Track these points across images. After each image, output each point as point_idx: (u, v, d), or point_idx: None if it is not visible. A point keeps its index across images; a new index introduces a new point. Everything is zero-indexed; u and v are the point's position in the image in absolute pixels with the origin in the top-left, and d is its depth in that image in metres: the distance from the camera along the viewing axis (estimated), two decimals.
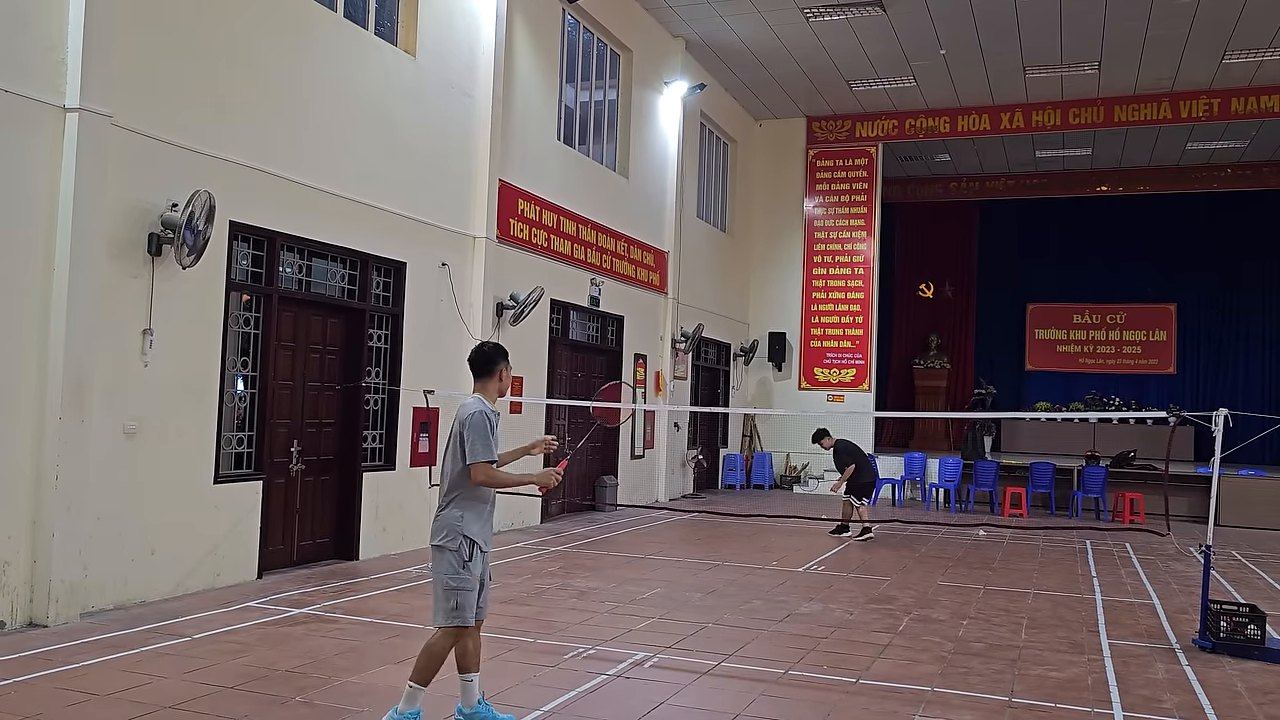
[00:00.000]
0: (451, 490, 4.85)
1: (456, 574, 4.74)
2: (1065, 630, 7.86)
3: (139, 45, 7.51)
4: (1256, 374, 23.95)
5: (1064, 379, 25.34)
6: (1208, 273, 23.92)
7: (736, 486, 19.92)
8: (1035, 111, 19.81)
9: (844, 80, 18.84)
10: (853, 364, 20.93)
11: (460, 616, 4.75)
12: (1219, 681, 6.40)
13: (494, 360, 5.00)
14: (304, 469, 9.38)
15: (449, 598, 4.75)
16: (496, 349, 5.05)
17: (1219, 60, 17.14)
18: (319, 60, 9.34)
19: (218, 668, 5.95)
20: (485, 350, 5.04)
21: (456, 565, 4.75)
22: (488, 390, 4.99)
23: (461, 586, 4.74)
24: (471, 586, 4.77)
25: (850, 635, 7.44)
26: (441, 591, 4.78)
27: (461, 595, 4.74)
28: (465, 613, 4.75)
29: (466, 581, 4.75)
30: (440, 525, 4.84)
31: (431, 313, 10.99)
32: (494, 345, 5.10)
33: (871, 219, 21.04)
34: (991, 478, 17.42)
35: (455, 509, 4.83)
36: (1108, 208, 24.06)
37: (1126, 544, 13.27)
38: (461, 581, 4.74)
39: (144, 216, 7.52)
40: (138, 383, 7.53)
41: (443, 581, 4.77)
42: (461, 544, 4.76)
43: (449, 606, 4.74)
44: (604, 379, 15.44)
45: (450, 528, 4.80)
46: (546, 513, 13.63)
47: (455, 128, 11.40)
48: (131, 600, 7.47)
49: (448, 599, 4.75)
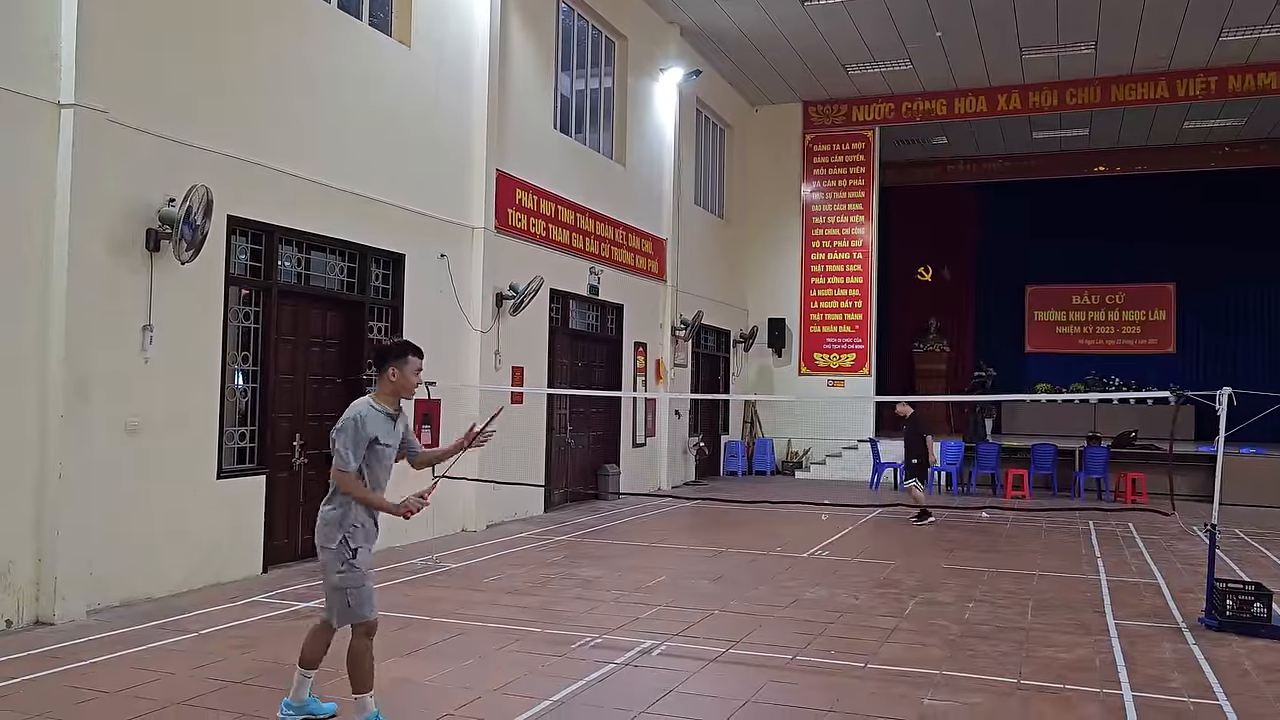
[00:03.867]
0: (331, 487, 4.80)
1: (339, 571, 4.68)
2: (1071, 611, 7.86)
3: (133, 40, 7.47)
4: (1257, 352, 23.91)
5: (1064, 360, 25.31)
6: (1206, 251, 23.79)
7: (738, 473, 19.93)
8: (1032, 92, 19.76)
9: (840, 64, 18.77)
10: (852, 349, 20.92)
11: (356, 614, 4.69)
12: (1226, 660, 6.40)
13: (383, 360, 4.83)
14: (307, 462, 9.36)
15: (337, 597, 4.70)
16: (387, 348, 4.87)
17: (1216, 37, 17.07)
18: (314, 52, 9.29)
19: (226, 663, 5.95)
20: (376, 349, 4.97)
21: (337, 563, 4.68)
22: (381, 391, 4.83)
23: (347, 585, 4.67)
24: (360, 581, 4.69)
25: (857, 620, 7.44)
26: (331, 591, 4.73)
27: (351, 593, 4.67)
28: (362, 608, 4.69)
29: (353, 577, 4.68)
30: (320, 524, 4.77)
31: (431, 304, 10.96)
32: (390, 343, 4.96)
33: (869, 203, 21.00)
34: (993, 460, 17.43)
35: (333, 507, 4.75)
36: (1105, 188, 24.00)
37: (1130, 524, 13.28)
38: (346, 580, 4.67)
39: (142, 212, 7.48)
40: (139, 379, 7.51)
41: (331, 581, 4.71)
42: (341, 541, 4.68)
43: (341, 605, 4.70)
44: (605, 368, 15.44)
45: (328, 526, 4.73)
46: (550, 502, 13.63)
47: (451, 118, 11.35)
48: (137, 596, 7.47)
49: (337, 598, 4.70)
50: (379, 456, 4.78)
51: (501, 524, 12.01)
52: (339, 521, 4.70)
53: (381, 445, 4.76)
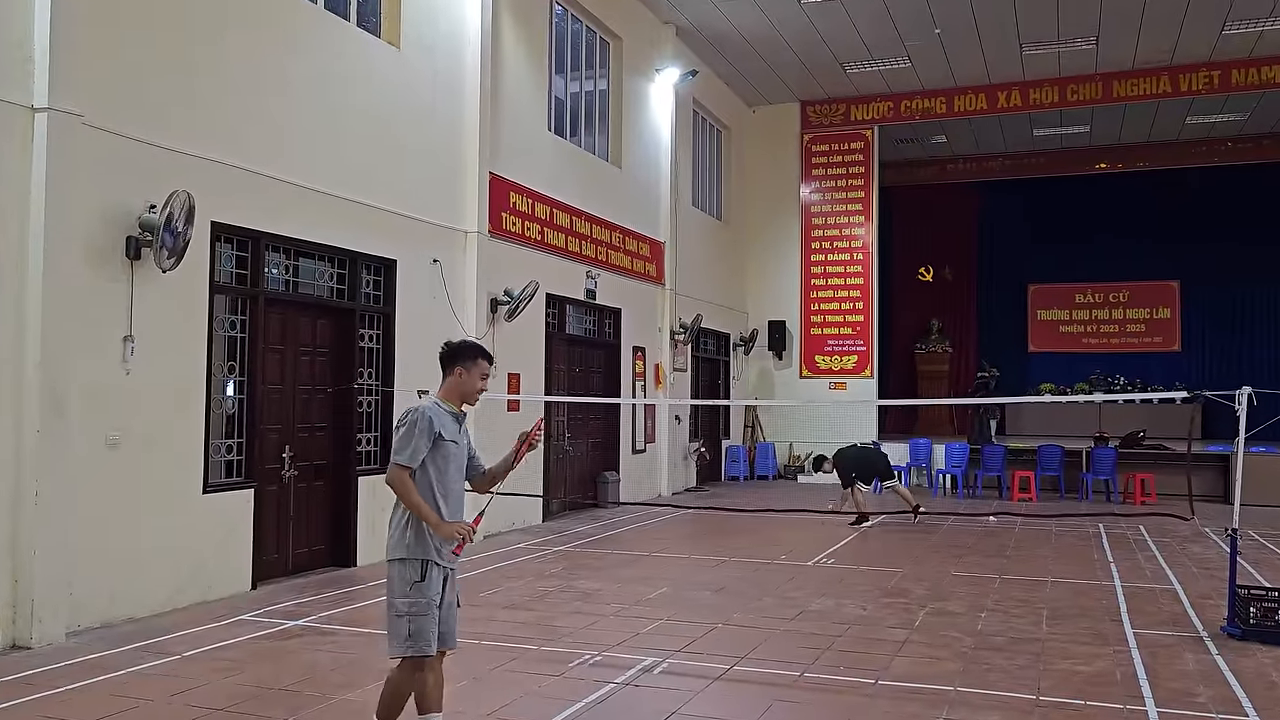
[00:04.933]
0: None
1: (405, 595, 4.18)
2: (1088, 620, 7.60)
3: (110, 41, 7.22)
4: (1264, 349, 23.63)
5: (1068, 359, 25.07)
6: (1211, 247, 23.50)
7: (740, 478, 19.67)
8: (1033, 89, 19.52)
9: (838, 63, 18.54)
10: (854, 350, 20.67)
11: (415, 645, 4.18)
12: (1253, 671, 6.14)
13: (451, 359, 4.44)
14: (296, 475, 9.10)
15: (399, 624, 4.18)
16: (458, 347, 4.49)
17: (1219, 31, 16.84)
18: (300, 53, 9.05)
19: (208, 688, 5.68)
20: (446, 347, 4.52)
21: (405, 585, 4.20)
22: (446, 391, 4.46)
23: (411, 611, 4.17)
24: (425, 610, 4.18)
25: (865, 632, 7.18)
26: (391, 618, 4.22)
27: (414, 621, 4.16)
28: (420, 641, 4.18)
29: (417, 604, 4.18)
30: (390, 535, 4.28)
31: (424, 311, 10.71)
32: (459, 343, 4.55)
33: (869, 203, 20.76)
34: (999, 462, 17.16)
35: (403, 512, 4.26)
36: (1107, 185, 23.77)
37: (1140, 526, 13.01)
38: (411, 605, 4.18)
39: (121, 219, 7.23)
40: (120, 391, 7.25)
41: (393, 605, 4.21)
42: (409, 555, 4.21)
43: (400, 634, 4.18)
44: (603, 373, 15.19)
45: (396, 535, 4.25)
46: (548, 511, 13.37)
47: (443, 120, 11.11)
48: (119, 617, 7.20)
49: (398, 625, 4.18)
50: (448, 456, 4.32)
51: (499, 534, 11.74)
52: (405, 535, 4.22)
53: (448, 442, 4.32)
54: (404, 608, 4.17)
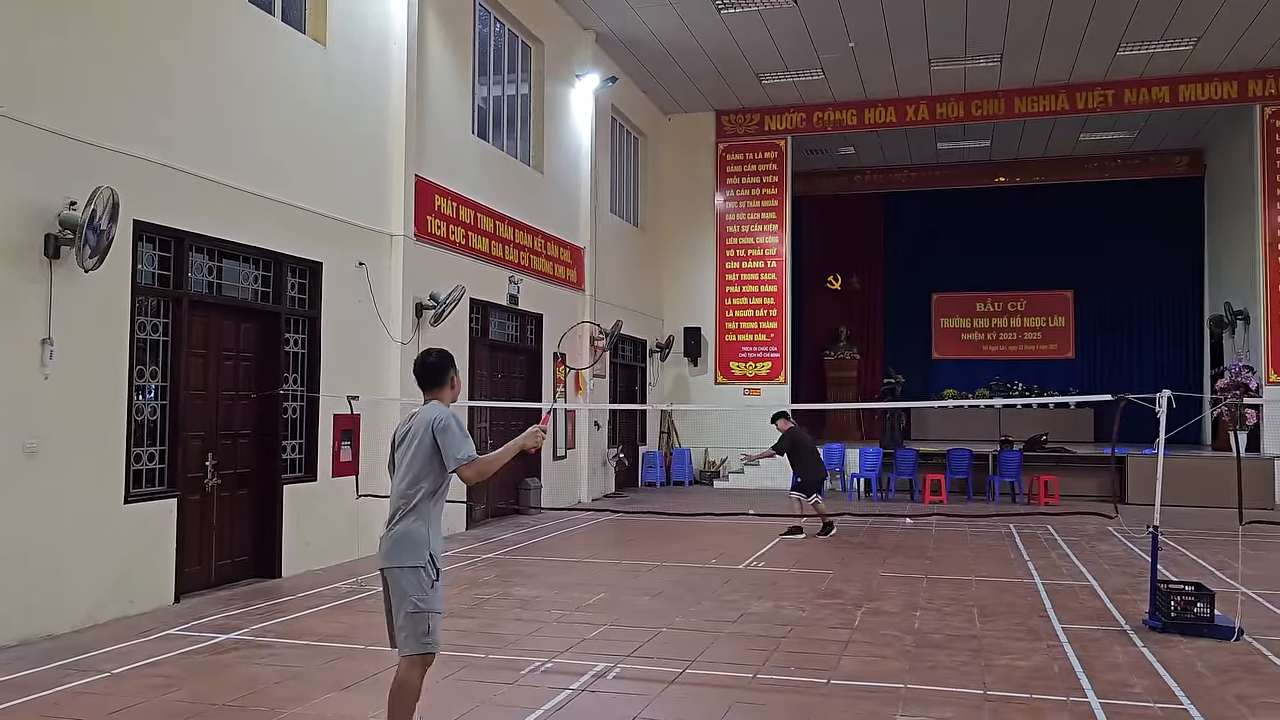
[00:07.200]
0: (411, 501, 4.42)
1: (425, 595, 4.32)
2: (1017, 616, 7.85)
3: (29, 31, 6.88)
4: (1148, 355, 24.83)
5: (970, 365, 25.85)
6: (1101, 259, 24.64)
7: (657, 484, 19.73)
8: (939, 104, 20.12)
9: (753, 73, 18.80)
10: (768, 357, 20.95)
11: (431, 642, 4.34)
12: (1179, 662, 6.42)
13: (443, 369, 4.66)
14: (220, 483, 8.79)
15: (419, 622, 4.30)
16: (444, 357, 4.70)
17: (1114, 52, 17.64)
18: (226, 48, 8.76)
19: (145, 705, 5.44)
20: (432, 362, 4.65)
21: (425, 585, 4.33)
22: (443, 398, 4.64)
23: (432, 608, 4.33)
24: (441, 608, 4.39)
25: (809, 633, 7.28)
26: (409, 616, 4.30)
27: (433, 618, 4.33)
28: (434, 637, 4.35)
29: (436, 602, 4.35)
30: (402, 540, 4.39)
31: (350, 315, 10.47)
32: (439, 353, 4.73)
33: (782, 212, 21.10)
34: (911, 466, 17.59)
35: (417, 521, 4.41)
36: (1006, 198, 24.64)
37: (1049, 526, 13.50)
38: (431, 603, 4.33)
39: (39, 216, 6.89)
40: (38, 397, 6.90)
41: (411, 604, 4.30)
42: (429, 560, 4.36)
43: (420, 631, 4.31)
44: (524, 379, 15.06)
45: (415, 543, 4.37)
46: (471, 518, 13.20)
47: (369, 121, 10.89)
48: (37, 634, 6.84)
49: (418, 623, 4.30)
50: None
51: None
52: (426, 538, 4.38)
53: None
54: (424, 605, 4.31)
